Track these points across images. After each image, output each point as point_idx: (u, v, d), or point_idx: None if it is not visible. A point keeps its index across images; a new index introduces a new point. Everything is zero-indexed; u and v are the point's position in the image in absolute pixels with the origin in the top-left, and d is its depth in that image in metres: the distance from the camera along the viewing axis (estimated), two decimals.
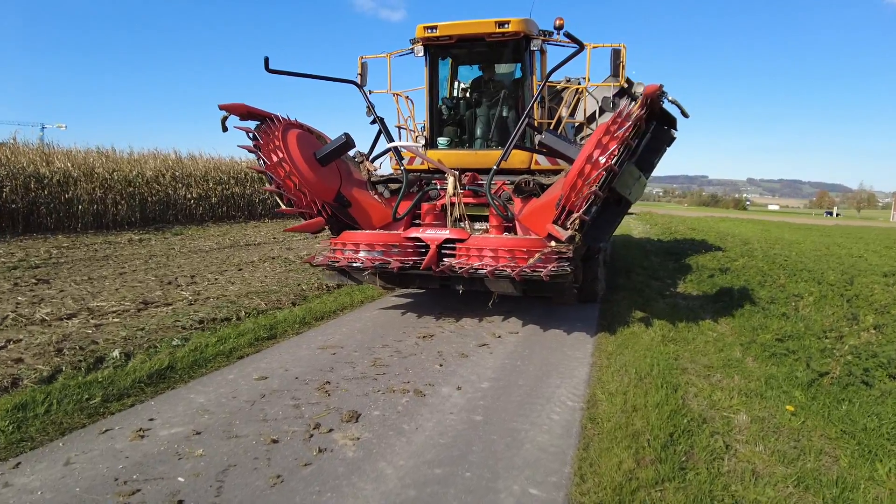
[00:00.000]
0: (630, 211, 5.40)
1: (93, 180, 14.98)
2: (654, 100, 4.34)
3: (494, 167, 5.72)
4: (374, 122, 5.75)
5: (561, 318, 6.20)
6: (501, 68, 7.13)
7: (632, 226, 25.49)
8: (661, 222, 26.98)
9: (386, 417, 3.36)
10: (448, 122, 7.00)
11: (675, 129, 5.16)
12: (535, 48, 6.08)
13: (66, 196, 14.20)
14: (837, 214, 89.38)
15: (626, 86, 8.24)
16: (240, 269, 8.73)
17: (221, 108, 4.92)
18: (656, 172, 5.15)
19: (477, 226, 6.08)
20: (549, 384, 4.06)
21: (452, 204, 5.73)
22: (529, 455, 2.96)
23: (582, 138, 7.29)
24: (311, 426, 3.19)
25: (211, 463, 2.75)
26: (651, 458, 2.92)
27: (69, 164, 14.67)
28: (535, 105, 7.03)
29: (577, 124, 7.62)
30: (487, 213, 5.96)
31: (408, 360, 4.47)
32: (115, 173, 15.64)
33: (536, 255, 4.64)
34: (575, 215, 4.54)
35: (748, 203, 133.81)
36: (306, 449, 2.92)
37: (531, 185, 6.16)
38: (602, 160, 4.35)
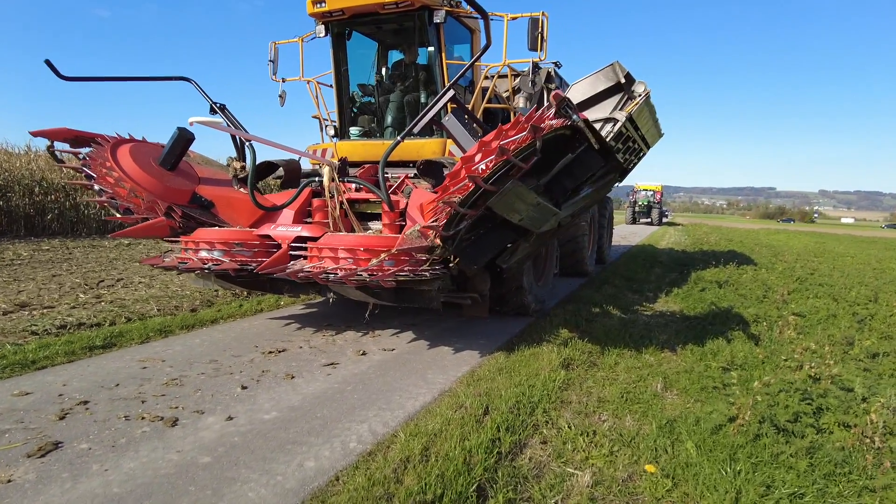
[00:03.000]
0: (676, 222, 4.33)
1: None
2: (562, 111, 3.34)
3: (384, 156, 4.93)
4: (212, 111, 5.16)
5: (469, 333, 5.28)
6: (429, 50, 6.35)
7: (667, 235, 23.63)
8: (698, 233, 24.93)
9: (90, 452, 2.63)
10: (364, 110, 6.29)
11: (614, 157, 4.12)
12: (438, 20, 5.27)
13: (74, 201, 14.58)
14: None
15: (623, 81, 7.18)
16: (179, 275, 8.32)
17: (36, 134, 4.50)
18: (719, 184, 4.05)
19: (373, 225, 5.30)
20: (356, 418, 3.20)
21: (334, 200, 4.99)
22: None
23: None
24: None
25: None
26: None
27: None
28: (465, 90, 6.21)
29: None
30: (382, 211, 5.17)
31: (216, 379, 3.73)
32: None
33: (381, 256, 3.80)
34: (424, 224, 3.68)
35: (816, 216, 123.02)
36: None
37: (437, 172, 5.32)
38: (481, 167, 3.40)
